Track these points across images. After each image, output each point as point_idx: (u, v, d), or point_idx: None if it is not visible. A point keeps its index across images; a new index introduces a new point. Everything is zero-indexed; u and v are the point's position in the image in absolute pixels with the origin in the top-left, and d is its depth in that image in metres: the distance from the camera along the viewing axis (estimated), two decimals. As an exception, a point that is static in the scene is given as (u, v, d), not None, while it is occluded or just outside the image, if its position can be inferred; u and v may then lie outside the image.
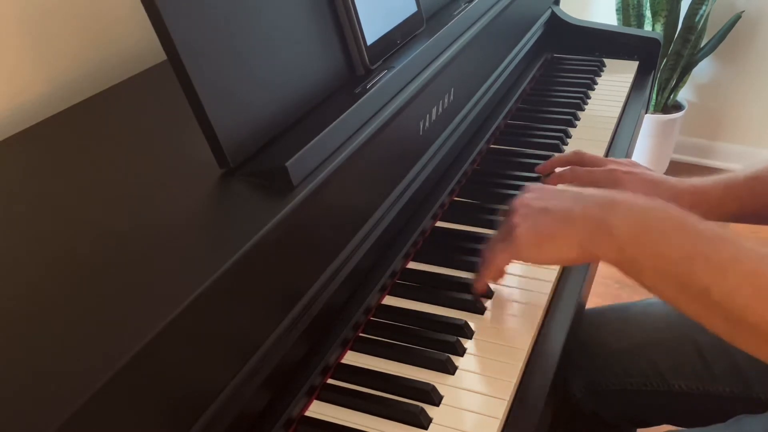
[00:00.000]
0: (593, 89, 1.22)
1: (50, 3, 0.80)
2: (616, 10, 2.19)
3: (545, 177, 0.91)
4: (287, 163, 0.56)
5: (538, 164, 0.96)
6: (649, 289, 0.59)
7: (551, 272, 0.76)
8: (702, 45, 2.17)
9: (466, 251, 0.80)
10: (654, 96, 2.21)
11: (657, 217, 0.58)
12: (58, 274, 0.49)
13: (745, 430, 0.69)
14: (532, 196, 0.66)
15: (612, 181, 0.83)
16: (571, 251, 0.61)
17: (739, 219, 0.83)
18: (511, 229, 0.65)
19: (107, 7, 0.87)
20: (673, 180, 0.82)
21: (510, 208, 0.67)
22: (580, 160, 0.87)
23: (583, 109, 1.15)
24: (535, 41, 1.27)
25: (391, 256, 0.76)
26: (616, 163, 0.86)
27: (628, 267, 0.59)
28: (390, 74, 0.72)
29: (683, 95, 2.33)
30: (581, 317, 0.85)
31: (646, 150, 2.27)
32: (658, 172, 0.88)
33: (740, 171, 0.80)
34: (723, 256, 0.54)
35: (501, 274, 0.69)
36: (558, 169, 0.89)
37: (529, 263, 0.69)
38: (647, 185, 0.81)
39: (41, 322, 0.45)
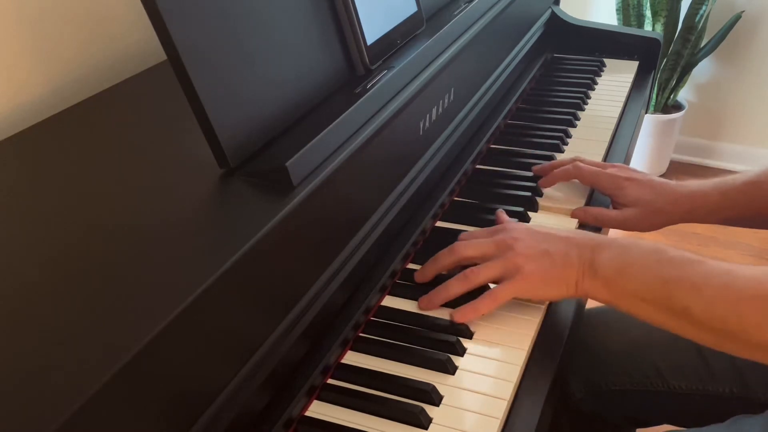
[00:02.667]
0: (593, 89, 1.22)
1: (50, 3, 0.80)
2: (616, 10, 2.19)
3: (544, 179, 0.91)
4: (287, 163, 0.56)
5: (538, 164, 0.96)
6: (642, 318, 0.65)
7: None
8: (702, 45, 2.17)
9: (466, 251, 0.80)
10: (654, 96, 2.21)
11: (636, 252, 0.65)
12: (58, 274, 0.49)
13: (743, 430, 0.69)
14: (527, 240, 0.69)
15: (614, 186, 0.85)
16: (569, 290, 0.68)
17: (737, 223, 0.84)
18: (514, 268, 0.68)
19: (107, 7, 0.87)
20: (672, 184, 0.84)
21: (501, 245, 0.70)
22: (578, 164, 0.88)
23: (583, 109, 1.15)
24: (535, 41, 1.27)
25: (391, 256, 0.76)
26: (616, 168, 0.87)
27: (617, 301, 0.66)
28: (390, 74, 0.72)
29: (683, 95, 2.33)
30: (581, 317, 0.85)
31: (646, 150, 2.27)
32: (657, 172, 0.89)
33: (738, 176, 0.82)
34: (696, 277, 0.61)
35: (492, 308, 0.70)
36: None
37: (531, 300, 0.71)
38: (648, 190, 0.83)
39: (41, 322, 0.45)
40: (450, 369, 0.64)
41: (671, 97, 2.25)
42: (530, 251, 0.68)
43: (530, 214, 0.87)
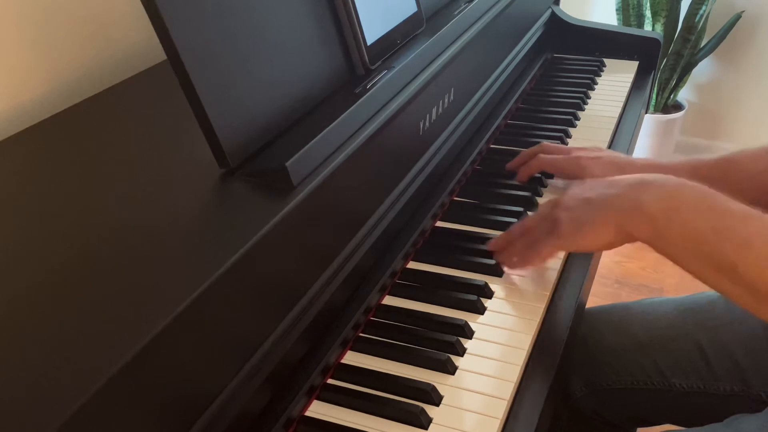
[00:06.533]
0: (593, 89, 1.22)
1: (50, 3, 0.80)
2: (616, 10, 2.19)
3: (518, 176, 0.92)
4: (287, 163, 0.56)
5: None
6: (680, 263, 0.61)
7: (551, 272, 0.76)
8: (702, 45, 2.17)
9: (466, 251, 0.80)
10: (654, 96, 2.21)
11: (687, 194, 0.60)
12: (58, 274, 0.49)
13: (742, 428, 0.69)
14: (576, 190, 0.69)
15: (577, 167, 0.85)
16: (609, 233, 0.64)
17: None
18: (555, 222, 0.68)
19: (107, 7, 0.87)
20: (639, 162, 0.83)
21: (553, 202, 0.70)
22: (544, 151, 0.89)
23: (583, 109, 1.15)
24: (535, 41, 1.27)
25: (391, 256, 0.76)
26: (581, 150, 0.87)
27: (659, 243, 0.61)
28: (390, 74, 0.72)
29: (683, 95, 2.33)
30: (581, 317, 0.85)
31: (646, 150, 2.27)
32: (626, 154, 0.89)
33: (714, 154, 0.81)
34: (750, 230, 0.56)
35: (542, 262, 0.72)
36: None
37: (573, 250, 0.71)
38: (613, 168, 0.83)
39: (41, 322, 0.45)
40: (450, 369, 0.64)
41: (671, 97, 2.25)
42: (570, 202, 0.67)
43: (530, 214, 0.87)
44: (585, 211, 0.66)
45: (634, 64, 1.31)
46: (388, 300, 0.73)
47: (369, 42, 0.73)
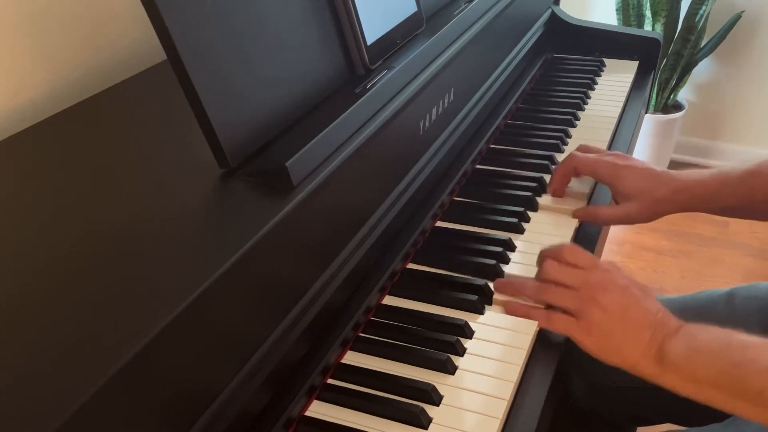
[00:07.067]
0: (593, 89, 1.22)
1: (49, 2, 0.80)
2: (616, 10, 2.19)
3: (551, 186, 0.91)
4: (287, 163, 0.56)
5: (538, 164, 0.96)
6: (714, 405, 0.62)
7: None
8: (702, 45, 2.17)
9: (466, 251, 0.80)
10: (654, 96, 2.21)
11: (703, 338, 0.62)
12: (58, 274, 0.49)
13: (742, 429, 0.69)
14: (616, 294, 0.66)
15: (614, 174, 0.84)
16: (623, 362, 0.65)
17: (734, 213, 0.84)
18: (587, 314, 0.66)
19: (107, 7, 0.87)
20: (671, 173, 0.83)
21: (590, 287, 0.67)
22: (576, 162, 0.88)
23: (583, 109, 1.15)
24: (535, 41, 1.27)
25: (391, 255, 0.76)
26: (613, 156, 0.87)
27: (685, 387, 0.62)
28: (390, 74, 0.72)
29: (683, 95, 2.33)
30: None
31: (646, 150, 2.27)
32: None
33: (738, 166, 0.81)
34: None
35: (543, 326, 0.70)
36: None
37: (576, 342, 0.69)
38: (647, 179, 0.83)
39: (41, 322, 0.45)
40: (450, 369, 0.64)
41: (671, 97, 2.25)
42: (610, 310, 0.65)
43: (530, 213, 0.87)
44: (616, 333, 0.65)
45: (634, 64, 1.31)
46: (388, 300, 0.73)
47: (369, 42, 0.73)
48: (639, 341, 0.64)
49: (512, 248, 0.81)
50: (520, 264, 0.79)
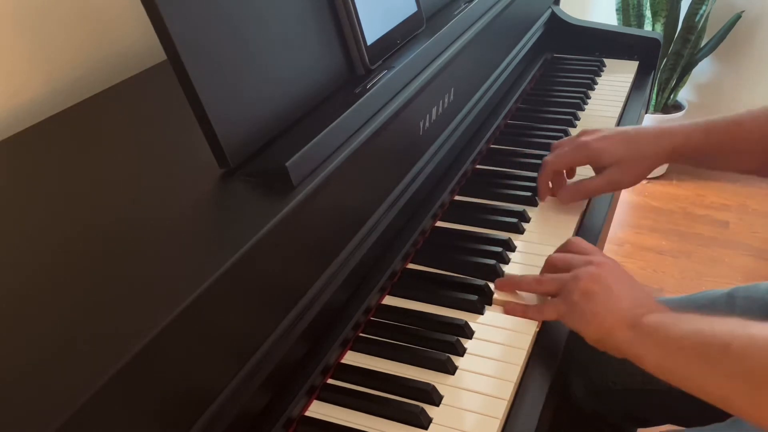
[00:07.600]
0: (593, 89, 1.22)
1: (49, 3, 0.80)
2: (616, 10, 2.19)
3: (539, 192, 0.90)
4: (287, 163, 0.56)
5: (538, 164, 0.96)
6: (675, 376, 0.61)
7: (551, 272, 0.76)
8: (702, 45, 2.17)
9: (466, 251, 0.80)
10: (654, 96, 2.21)
11: (683, 317, 0.62)
12: (58, 274, 0.49)
13: (743, 429, 0.69)
14: (603, 272, 0.67)
15: (590, 153, 0.85)
16: (600, 332, 0.64)
17: (716, 164, 0.85)
18: (570, 295, 0.66)
19: (107, 7, 0.87)
20: (648, 127, 0.83)
21: (578, 261, 0.69)
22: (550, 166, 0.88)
23: (583, 109, 1.15)
24: (535, 41, 1.27)
25: (391, 255, 0.76)
26: (586, 134, 0.87)
27: (651, 352, 0.61)
28: (390, 74, 0.72)
29: (683, 95, 2.33)
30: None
31: (646, 150, 2.27)
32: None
33: (720, 117, 0.82)
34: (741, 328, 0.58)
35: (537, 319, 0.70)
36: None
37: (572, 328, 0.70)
38: (624, 143, 0.83)
39: (41, 322, 0.45)
40: (450, 369, 0.64)
41: (671, 97, 2.25)
42: (595, 278, 0.66)
43: (530, 213, 0.87)
44: (593, 305, 0.65)
45: (634, 64, 1.31)
46: (388, 300, 0.73)
47: (369, 42, 0.73)
48: (617, 308, 0.64)
49: (512, 248, 0.81)
50: (520, 264, 0.79)
